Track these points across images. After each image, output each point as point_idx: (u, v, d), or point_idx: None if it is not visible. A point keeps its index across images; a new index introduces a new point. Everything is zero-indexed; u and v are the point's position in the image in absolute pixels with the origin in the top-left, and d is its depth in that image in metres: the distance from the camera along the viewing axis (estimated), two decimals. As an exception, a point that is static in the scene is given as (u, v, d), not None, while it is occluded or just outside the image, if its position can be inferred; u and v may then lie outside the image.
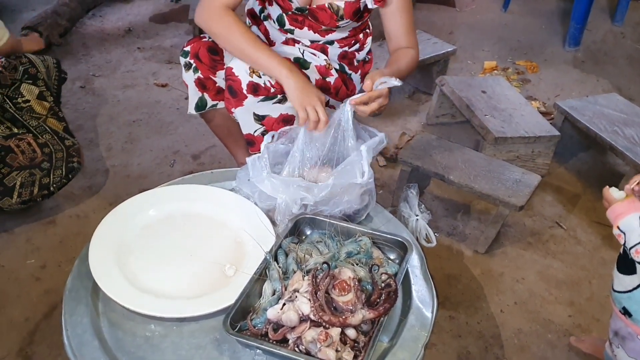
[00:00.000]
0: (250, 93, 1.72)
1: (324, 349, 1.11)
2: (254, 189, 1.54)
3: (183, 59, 1.84)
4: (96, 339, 1.20)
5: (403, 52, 1.77)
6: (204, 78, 1.85)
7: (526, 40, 4.03)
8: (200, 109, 1.93)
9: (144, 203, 1.53)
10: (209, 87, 1.88)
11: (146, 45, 3.69)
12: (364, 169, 1.47)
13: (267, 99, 1.73)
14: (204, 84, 1.86)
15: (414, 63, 1.77)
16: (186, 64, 1.84)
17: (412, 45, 1.79)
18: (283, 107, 1.76)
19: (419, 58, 1.82)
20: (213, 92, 1.89)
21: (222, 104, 1.91)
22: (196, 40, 1.83)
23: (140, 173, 2.51)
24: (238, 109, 1.77)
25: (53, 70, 2.24)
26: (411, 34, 1.79)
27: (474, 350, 1.79)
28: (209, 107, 1.93)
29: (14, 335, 1.77)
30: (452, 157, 2.23)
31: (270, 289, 1.28)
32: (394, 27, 1.78)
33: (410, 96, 3.27)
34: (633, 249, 1.27)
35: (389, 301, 1.20)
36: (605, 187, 1.36)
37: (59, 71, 2.32)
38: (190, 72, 1.84)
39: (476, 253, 2.17)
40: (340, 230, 1.43)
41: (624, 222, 1.29)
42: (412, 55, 1.77)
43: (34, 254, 2.05)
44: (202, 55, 1.81)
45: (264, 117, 1.78)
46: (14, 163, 2.02)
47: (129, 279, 1.31)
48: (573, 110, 2.68)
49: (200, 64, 1.82)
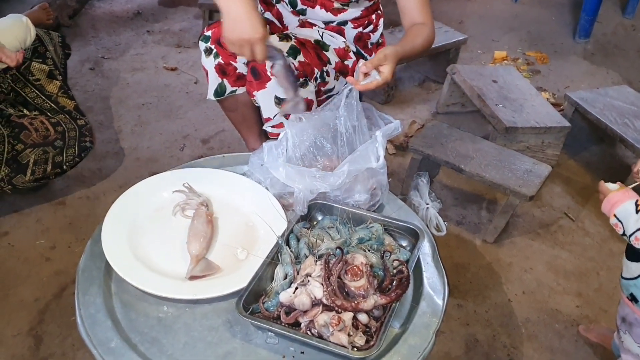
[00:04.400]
0: (273, 75, 1.69)
1: (337, 333, 1.12)
2: (267, 174, 1.53)
3: (203, 44, 1.82)
4: (109, 319, 1.20)
5: (418, 29, 1.67)
6: (225, 64, 1.83)
7: (536, 31, 4.00)
8: (219, 95, 1.92)
9: (156, 185, 1.52)
10: (229, 73, 1.86)
11: (155, 28, 3.68)
12: (379, 153, 1.46)
13: None
14: (224, 69, 1.85)
15: (429, 41, 1.68)
16: (207, 49, 1.82)
17: (427, 21, 1.69)
18: (304, 91, 1.74)
19: (434, 35, 1.71)
20: (233, 78, 1.88)
21: (241, 90, 1.90)
22: (217, 25, 1.80)
23: (150, 156, 2.51)
24: (260, 92, 1.75)
25: (59, 47, 2.24)
26: (426, 8, 1.70)
27: (481, 338, 1.80)
28: (228, 94, 1.92)
29: (24, 314, 1.78)
30: (463, 146, 2.22)
31: (282, 273, 1.28)
32: (407, 1, 1.70)
33: (420, 84, 3.26)
34: (632, 236, 1.28)
35: (400, 287, 1.20)
36: (600, 182, 1.38)
37: (64, 47, 2.31)
38: (211, 58, 1.83)
39: (485, 242, 2.18)
40: (351, 217, 1.43)
41: (620, 210, 1.30)
42: (428, 33, 1.67)
43: (44, 235, 2.06)
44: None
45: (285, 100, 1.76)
46: (27, 140, 2.02)
47: (141, 260, 1.31)
48: (583, 101, 2.67)
49: (221, 50, 1.80)
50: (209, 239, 1.38)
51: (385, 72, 1.46)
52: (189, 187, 1.51)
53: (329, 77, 1.83)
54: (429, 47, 1.69)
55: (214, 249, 1.39)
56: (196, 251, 1.34)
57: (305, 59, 1.72)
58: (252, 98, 1.82)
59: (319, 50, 1.79)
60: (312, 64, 1.75)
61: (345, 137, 1.57)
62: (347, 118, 1.53)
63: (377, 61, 1.45)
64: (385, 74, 1.46)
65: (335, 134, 1.57)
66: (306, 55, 1.73)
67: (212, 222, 1.42)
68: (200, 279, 1.29)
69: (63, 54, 2.26)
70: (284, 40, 1.71)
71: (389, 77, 1.47)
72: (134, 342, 1.17)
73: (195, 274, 1.29)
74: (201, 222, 1.40)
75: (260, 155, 1.54)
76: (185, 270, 1.30)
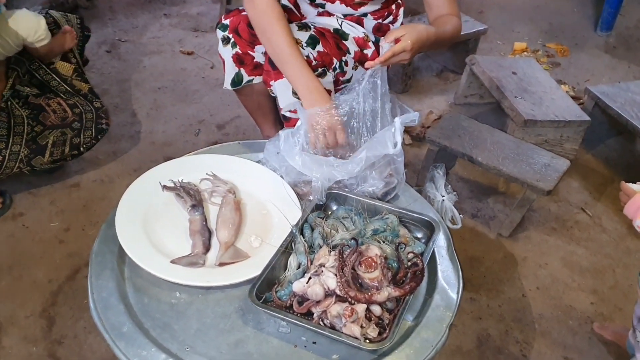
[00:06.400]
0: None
1: (349, 324, 1.11)
2: (282, 162, 1.52)
3: (221, 33, 1.80)
4: (121, 303, 1.21)
5: (447, 18, 1.63)
6: (242, 53, 1.81)
7: (557, 23, 3.94)
8: (236, 84, 1.90)
9: (172, 171, 1.52)
10: (246, 63, 1.85)
11: (172, 12, 3.67)
12: (397, 139, 1.44)
13: None
14: (241, 59, 1.83)
15: (457, 30, 1.64)
16: (224, 38, 1.80)
17: (455, 14, 1.65)
18: (322, 82, 1.71)
19: (461, 28, 1.68)
20: (250, 68, 1.86)
21: (258, 79, 1.88)
22: (236, 14, 1.78)
23: (165, 140, 2.51)
24: (278, 82, 1.72)
25: (77, 29, 2.22)
26: (453, 1, 1.67)
27: (494, 333, 1.79)
28: (245, 83, 1.90)
29: (37, 296, 1.79)
30: (480, 138, 2.19)
31: (295, 262, 1.27)
32: None
33: (438, 74, 3.22)
34: None
35: (415, 280, 1.19)
36: (622, 182, 1.33)
37: (82, 29, 2.28)
38: (228, 47, 1.81)
39: (500, 236, 2.15)
40: (366, 207, 1.42)
41: None
42: (456, 22, 1.63)
43: (58, 217, 2.07)
44: (241, 30, 1.76)
45: None
46: (46, 122, 2.02)
47: (155, 246, 1.31)
48: (604, 96, 2.62)
49: (239, 39, 1.78)
50: (238, 226, 1.39)
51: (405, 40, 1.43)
52: (213, 175, 1.51)
53: (347, 67, 1.80)
54: (456, 36, 1.65)
55: (227, 235, 1.38)
56: (226, 238, 1.35)
57: (324, 49, 1.70)
58: (268, 88, 1.80)
59: (338, 40, 1.76)
60: (331, 54, 1.72)
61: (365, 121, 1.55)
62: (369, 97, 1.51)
63: (397, 32, 1.45)
64: (404, 43, 1.43)
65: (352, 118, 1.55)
66: (325, 45, 1.70)
67: (240, 210, 1.43)
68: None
69: (82, 35, 2.25)
70: (302, 30, 1.68)
71: (409, 46, 1.43)
72: (146, 327, 1.18)
73: (225, 260, 1.31)
74: (229, 209, 1.41)
75: (276, 143, 1.53)
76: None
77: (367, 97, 1.51)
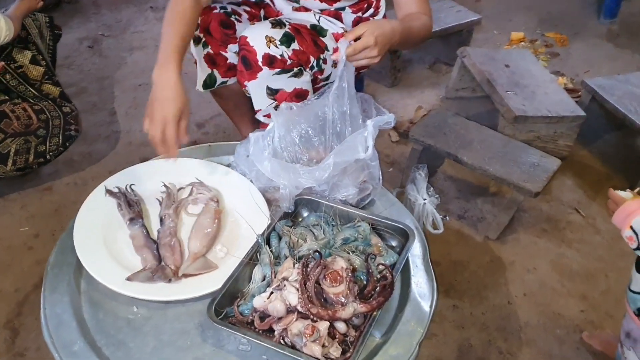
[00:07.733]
0: (265, 65, 1.59)
1: (310, 343, 1.05)
2: (252, 167, 1.45)
3: None
4: (74, 320, 1.16)
5: (415, 15, 1.54)
6: (214, 54, 1.73)
7: (557, 11, 3.82)
8: (208, 86, 1.82)
9: (136, 176, 1.45)
10: (219, 63, 1.76)
11: (159, 4, 3.59)
12: (368, 144, 1.37)
13: (282, 71, 1.61)
14: (214, 59, 1.75)
15: (427, 29, 1.55)
16: (195, 38, 1.71)
17: (425, 12, 1.57)
18: (298, 81, 1.64)
19: (432, 27, 1.59)
20: (224, 69, 1.78)
21: (232, 80, 1.80)
22: (206, 12, 1.69)
23: (142, 140, 2.44)
24: (251, 82, 1.65)
25: (46, 30, 2.14)
26: (424, 1, 1.59)
27: (476, 343, 1.71)
28: (219, 85, 1.82)
29: (2, 306, 1.74)
30: (467, 136, 2.11)
31: (260, 274, 1.21)
32: None
33: (430, 67, 3.13)
34: None
35: (383, 294, 1.12)
36: (610, 189, 1.28)
37: (52, 28, 2.21)
38: (200, 47, 1.72)
39: (487, 239, 2.08)
40: (339, 214, 1.35)
41: (638, 221, 1.19)
42: (425, 21, 1.54)
43: (28, 222, 2.02)
44: (213, 30, 1.69)
45: (277, 91, 1.66)
46: (8, 129, 1.96)
47: (115, 257, 1.25)
48: (601, 89, 2.52)
49: (210, 39, 1.70)
50: (213, 237, 1.32)
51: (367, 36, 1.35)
52: (199, 181, 1.45)
53: (325, 65, 1.73)
54: (426, 34, 1.56)
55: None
56: (196, 249, 1.28)
57: (300, 47, 1.62)
58: (243, 88, 1.72)
59: (315, 37, 1.68)
60: (308, 52, 1.64)
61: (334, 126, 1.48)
62: (337, 104, 1.44)
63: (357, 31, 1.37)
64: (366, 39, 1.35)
65: (324, 123, 1.48)
66: (301, 42, 1.62)
67: (219, 219, 1.36)
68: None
69: (52, 35, 2.18)
70: (277, 27, 1.60)
71: (372, 41, 1.35)
72: (99, 345, 1.13)
73: (189, 272, 1.24)
74: (207, 218, 1.35)
75: (247, 146, 1.47)
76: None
77: (334, 106, 1.44)
